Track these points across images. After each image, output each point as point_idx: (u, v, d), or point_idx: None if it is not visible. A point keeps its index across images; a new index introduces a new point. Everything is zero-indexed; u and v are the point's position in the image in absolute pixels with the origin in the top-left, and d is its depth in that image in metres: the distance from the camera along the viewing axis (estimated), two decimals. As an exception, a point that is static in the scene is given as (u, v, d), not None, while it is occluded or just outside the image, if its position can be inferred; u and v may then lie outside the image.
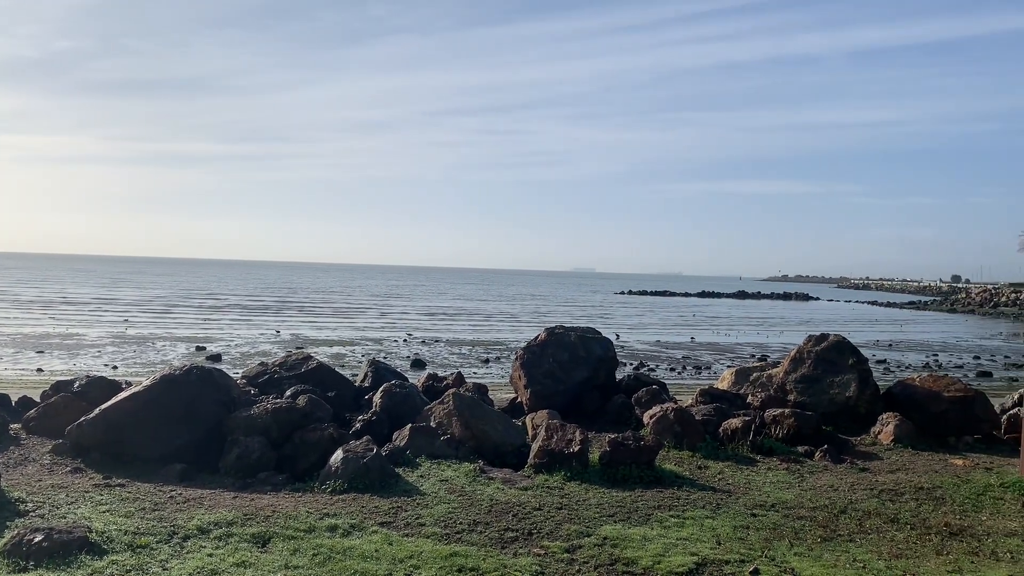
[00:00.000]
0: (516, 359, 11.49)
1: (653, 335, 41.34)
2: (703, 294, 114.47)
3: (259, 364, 11.30)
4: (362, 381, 11.21)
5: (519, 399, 11.32)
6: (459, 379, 11.48)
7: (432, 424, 8.76)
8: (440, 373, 13.57)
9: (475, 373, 23.37)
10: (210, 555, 5.48)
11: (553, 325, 12.13)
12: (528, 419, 9.70)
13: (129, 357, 23.94)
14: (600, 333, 12.10)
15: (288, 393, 9.66)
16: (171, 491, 7.09)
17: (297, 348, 25.66)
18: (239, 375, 11.28)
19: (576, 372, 11.11)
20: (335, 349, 28.38)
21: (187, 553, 5.51)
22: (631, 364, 26.89)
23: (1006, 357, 32.86)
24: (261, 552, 5.60)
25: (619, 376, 12.58)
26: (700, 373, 25.63)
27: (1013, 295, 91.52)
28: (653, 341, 37.45)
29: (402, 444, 8.28)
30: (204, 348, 26.84)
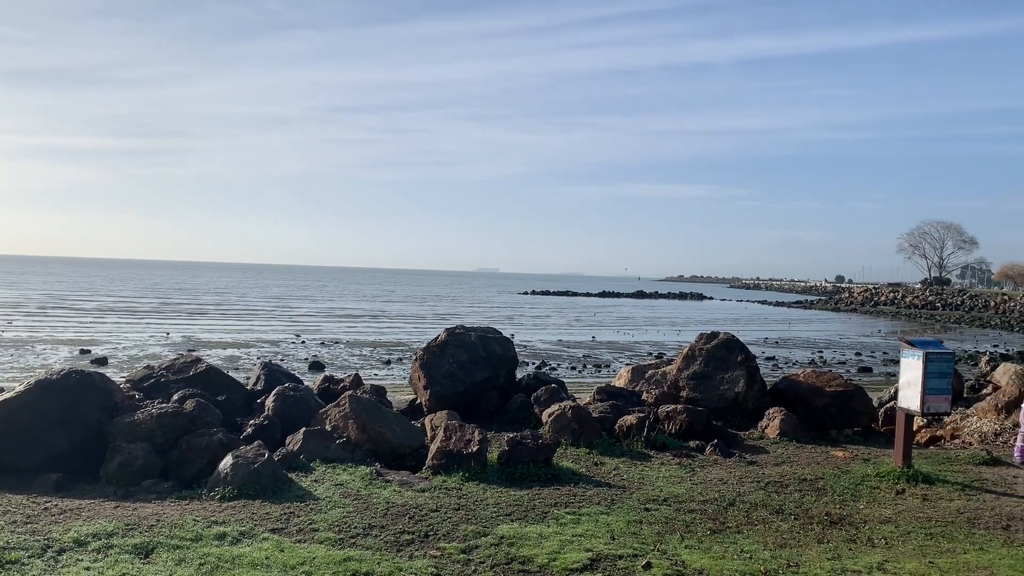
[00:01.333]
0: (415, 360, 11.38)
1: (555, 335, 41.82)
2: (604, 294, 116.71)
3: (145, 368, 10.83)
4: (254, 384, 10.89)
5: (419, 400, 11.22)
6: (356, 381, 11.28)
7: (327, 427, 8.58)
8: (339, 375, 13.32)
9: (376, 375, 23.09)
10: (87, 568, 5.20)
11: (453, 325, 12.08)
12: (427, 420, 9.63)
13: (5, 361, 22.56)
14: (500, 333, 12.14)
15: (175, 397, 9.29)
16: (46, 502, 6.69)
17: (188, 351, 24.75)
18: (124, 379, 10.77)
19: (476, 372, 11.10)
20: (229, 351, 27.52)
21: (62, 567, 5.21)
22: (533, 363, 27.13)
23: (884, 353, 34.78)
24: (144, 563, 5.35)
25: (520, 375, 12.65)
26: (600, 371, 26.09)
27: (891, 294, 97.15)
28: (555, 340, 37.90)
29: (295, 448, 8.08)
30: (89, 351, 25.56)
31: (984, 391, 14.05)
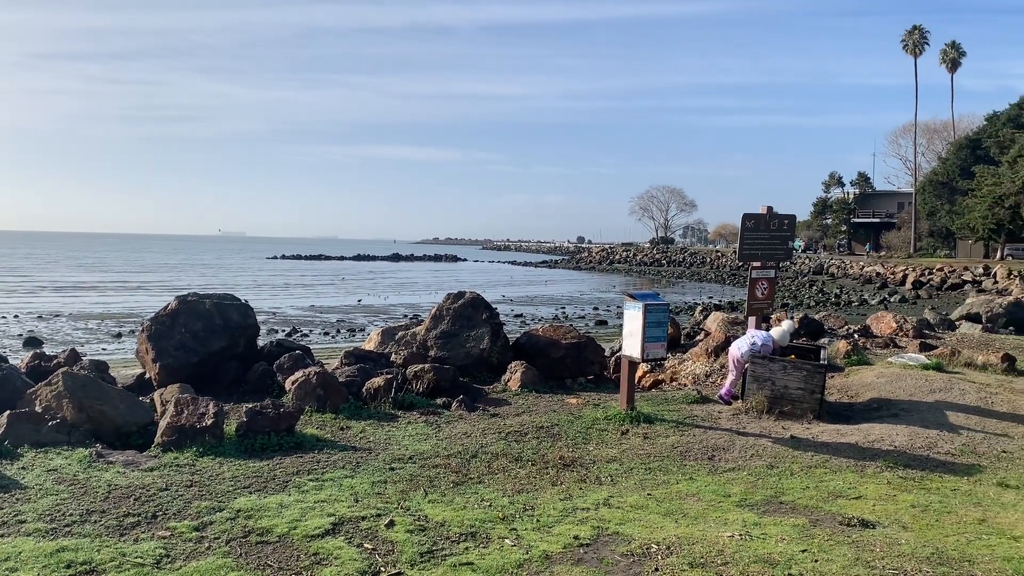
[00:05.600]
0: (142, 331, 10.50)
1: (307, 300, 40.80)
2: (359, 257, 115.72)
3: None
4: (-54, 366, 9.50)
5: (148, 375, 10.39)
6: (73, 356, 10.22)
7: (38, 409, 7.70)
8: (59, 351, 12.00)
9: (104, 349, 21.22)
10: None
11: (186, 293, 11.29)
12: (157, 395, 8.96)
13: None
14: (239, 299, 11.53)
15: None
16: None
17: None
18: None
19: (212, 342, 10.46)
20: (-79, 331, 23.89)
21: None
22: (283, 331, 26.32)
23: (618, 307, 37.65)
24: None
25: (264, 343, 12.14)
26: (354, 336, 25.86)
27: (625, 253, 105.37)
28: (307, 306, 36.96)
29: (-2, 434, 7.18)
30: None
31: (698, 337, 15.66)
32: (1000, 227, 59.05)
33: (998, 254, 62.03)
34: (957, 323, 19.44)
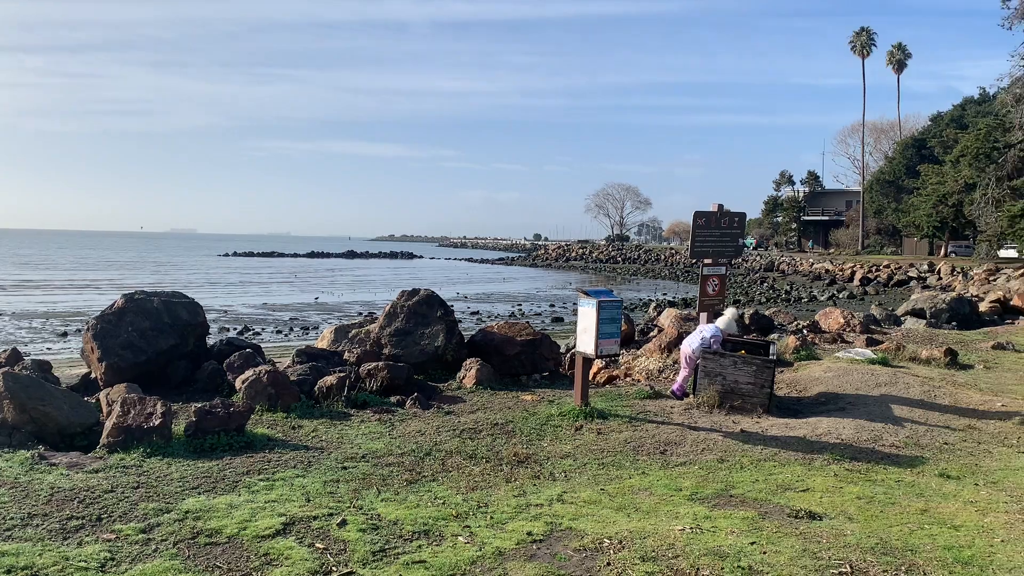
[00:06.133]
0: (87, 330, 10.24)
1: (260, 298, 40.29)
2: (312, 254, 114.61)
3: None
4: None
5: (93, 374, 10.14)
6: (14, 356, 9.92)
7: (-23, 410, 7.48)
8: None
9: (49, 349, 20.68)
10: None
11: (132, 291, 11.05)
12: (103, 395, 8.75)
13: None
14: (188, 297, 11.32)
15: None
16: None
17: None
18: None
19: (161, 340, 10.23)
20: None
21: None
22: (235, 329, 25.95)
23: (574, 304, 37.82)
24: None
25: (214, 342, 11.95)
26: (308, 333, 25.59)
27: (581, 251, 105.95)
28: (260, 304, 36.49)
29: (-66, 438, 6.95)
30: None
31: (652, 334, 15.79)
32: (944, 225, 60.65)
33: (942, 251, 63.74)
34: (902, 319, 19.95)
